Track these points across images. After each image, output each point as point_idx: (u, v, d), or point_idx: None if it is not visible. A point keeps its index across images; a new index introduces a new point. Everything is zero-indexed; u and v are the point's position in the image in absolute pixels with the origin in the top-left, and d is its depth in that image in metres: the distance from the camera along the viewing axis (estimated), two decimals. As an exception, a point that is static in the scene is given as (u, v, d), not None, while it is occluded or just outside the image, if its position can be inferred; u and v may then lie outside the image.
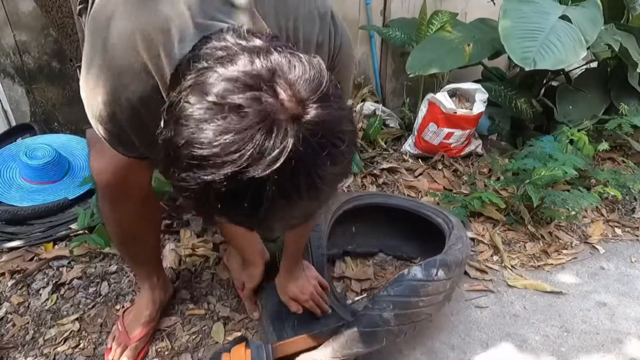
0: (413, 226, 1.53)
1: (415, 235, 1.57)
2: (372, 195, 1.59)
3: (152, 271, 1.27)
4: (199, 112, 0.53)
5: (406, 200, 1.56)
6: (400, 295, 1.08)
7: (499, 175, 2.01)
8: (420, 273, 1.12)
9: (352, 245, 1.59)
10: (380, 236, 1.61)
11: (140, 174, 1.01)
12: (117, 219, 1.10)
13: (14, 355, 1.22)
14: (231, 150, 0.52)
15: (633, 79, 2.19)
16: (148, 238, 1.19)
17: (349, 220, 1.56)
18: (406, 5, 2.45)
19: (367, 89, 2.51)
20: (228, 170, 0.52)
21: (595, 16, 1.89)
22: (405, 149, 2.22)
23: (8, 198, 1.66)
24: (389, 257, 1.60)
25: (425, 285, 1.11)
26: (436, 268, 1.13)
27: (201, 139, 0.52)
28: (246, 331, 1.30)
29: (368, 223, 1.59)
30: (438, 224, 1.43)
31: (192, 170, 0.54)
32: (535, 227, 1.76)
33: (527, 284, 1.53)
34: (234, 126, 0.52)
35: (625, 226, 1.88)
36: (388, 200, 1.55)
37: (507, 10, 1.87)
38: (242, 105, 0.52)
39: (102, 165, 0.96)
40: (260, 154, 0.52)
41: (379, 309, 1.07)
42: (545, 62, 1.74)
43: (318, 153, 0.54)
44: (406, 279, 1.11)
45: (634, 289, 1.54)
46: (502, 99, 2.25)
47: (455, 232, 1.34)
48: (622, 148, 2.39)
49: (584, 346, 1.31)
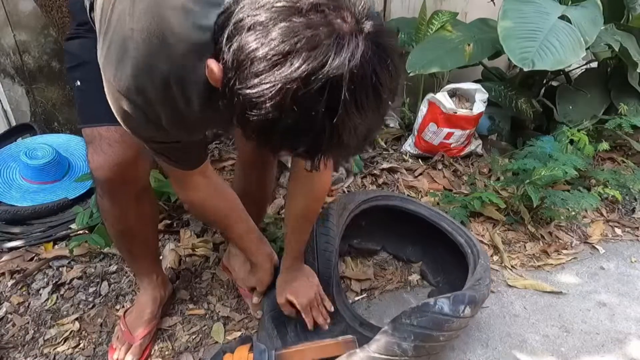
0: (419, 230, 1.49)
1: (420, 240, 1.55)
2: (391, 197, 1.52)
3: (151, 269, 1.27)
4: (266, 16, 0.55)
5: (427, 209, 1.48)
6: (424, 327, 1.03)
7: (499, 175, 2.01)
8: (448, 307, 1.05)
9: (357, 239, 1.58)
10: (386, 235, 1.60)
11: (139, 169, 1.02)
12: (116, 215, 1.10)
13: (14, 355, 1.22)
14: (309, 44, 0.53)
15: (633, 79, 2.19)
16: (146, 235, 1.20)
17: (360, 217, 1.52)
18: (406, 5, 2.45)
19: (367, 89, 2.50)
20: (307, 65, 0.53)
21: (595, 16, 1.89)
22: (405, 149, 2.22)
23: (8, 198, 1.66)
24: (390, 257, 1.60)
25: (450, 321, 1.05)
26: (464, 305, 1.07)
27: (275, 36, 0.54)
28: (246, 331, 1.30)
29: (377, 221, 1.56)
30: (459, 244, 1.36)
31: (267, 72, 0.54)
32: (535, 227, 1.76)
33: (527, 284, 1.53)
34: (306, 26, 0.54)
35: (625, 226, 1.88)
36: (406, 205, 1.49)
37: (507, 10, 1.87)
38: (308, 12, 0.55)
39: (100, 161, 0.97)
40: (338, 48, 0.53)
41: (399, 337, 1.02)
42: (544, 62, 1.74)
43: (382, 61, 0.57)
44: (432, 311, 1.04)
45: (634, 289, 1.54)
46: (502, 99, 2.25)
47: (482, 263, 1.25)
48: (622, 148, 2.39)
49: (584, 346, 1.31)
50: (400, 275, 1.54)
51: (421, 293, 1.48)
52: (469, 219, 1.76)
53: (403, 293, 1.48)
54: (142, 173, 1.05)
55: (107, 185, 1.02)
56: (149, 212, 1.17)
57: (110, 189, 1.03)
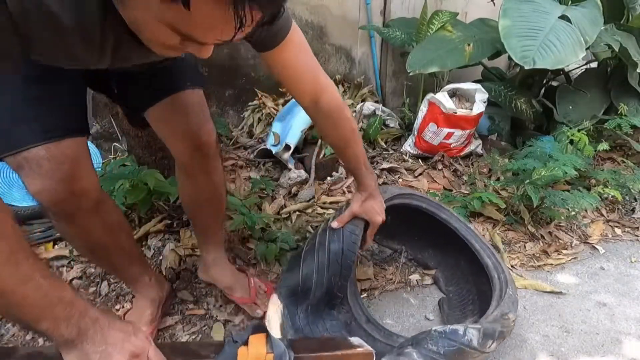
0: (443, 237, 1.46)
1: (441, 246, 1.53)
2: (423, 199, 1.47)
3: (138, 273, 1.22)
4: None
5: (457, 221, 1.44)
6: (449, 356, 0.99)
7: (499, 175, 2.01)
8: (476, 341, 1.02)
9: (379, 235, 1.48)
10: (406, 236, 1.59)
11: (83, 180, 0.93)
12: (77, 233, 1.02)
13: (14, 355, 1.22)
14: None
15: (633, 79, 2.19)
16: (120, 244, 1.11)
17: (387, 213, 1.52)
18: (406, 5, 2.45)
19: (367, 89, 2.51)
20: None
21: (595, 16, 1.89)
22: (405, 149, 2.22)
23: (9, 198, 1.66)
24: (390, 257, 1.60)
25: (475, 355, 1.02)
26: (493, 340, 1.04)
27: None
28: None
29: (398, 220, 1.50)
30: (486, 265, 1.31)
31: None
32: (535, 227, 1.77)
33: (527, 284, 1.53)
34: None
35: (625, 226, 1.88)
36: (438, 212, 1.44)
37: (507, 9, 1.88)
38: None
39: (38, 185, 0.87)
40: None
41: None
42: (545, 61, 1.74)
43: None
44: (460, 342, 1.00)
45: (634, 289, 1.54)
46: (502, 99, 2.25)
47: (510, 294, 1.20)
48: (622, 148, 2.39)
49: (584, 346, 1.31)
50: (400, 275, 1.54)
51: (421, 293, 1.48)
52: (469, 219, 1.76)
53: (403, 293, 1.48)
54: (89, 183, 0.94)
55: (56, 208, 0.91)
56: (115, 220, 1.07)
57: (62, 210, 0.92)
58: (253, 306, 1.33)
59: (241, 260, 1.54)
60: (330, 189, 1.94)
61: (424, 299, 1.45)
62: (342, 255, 1.16)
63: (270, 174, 2.02)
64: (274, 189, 1.88)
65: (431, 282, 1.52)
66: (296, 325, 1.12)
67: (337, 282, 1.16)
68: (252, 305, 1.33)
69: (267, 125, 2.32)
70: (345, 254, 1.17)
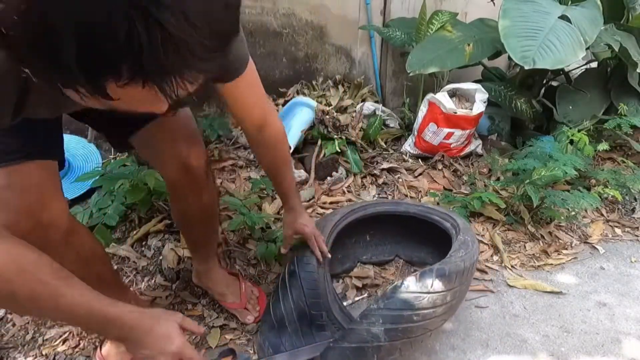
0: (425, 231, 1.48)
1: (428, 241, 1.54)
2: (378, 204, 1.51)
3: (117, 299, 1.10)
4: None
5: (415, 206, 1.47)
6: (391, 308, 1.00)
7: (499, 175, 2.01)
8: (414, 284, 1.03)
9: (367, 255, 1.58)
10: (394, 243, 1.59)
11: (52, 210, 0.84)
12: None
13: (14, 355, 1.22)
14: None
15: (633, 79, 2.19)
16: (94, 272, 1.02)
17: (360, 231, 1.54)
18: (406, 5, 2.45)
19: (367, 89, 2.51)
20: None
21: (595, 16, 1.89)
22: (405, 149, 2.22)
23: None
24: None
25: (420, 298, 1.01)
26: (432, 279, 1.04)
27: None
28: (242, 334, 1.30)
29: (381, 231, 1.56)
30: (446, 228, 1.35)
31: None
32: (535, 227, 1.76)
33: (527, 284, 1.53)
34: None
35: (625, 226, 1.88)
36: (397, 208, 1.48)
37: (507, 9, 1.88)
38: None
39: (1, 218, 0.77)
40: None
41: (368, 323, 1.00)
42: (545, 61, 1.74)
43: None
44: (399, 291, 1.02)
45: (634, 289, 1.54)
46: (502, 99, 2.25)
47: (460, 238, 1.24)
48: (622, 148, 2.39)
49: (584, 346, 1.31)
50: (400, 275, 1.54)
51: (421, 293, 1.48)
52: (469, 219, 1.77)
53: (403, 293, 1.48)
54: (57, 213, 0.85)
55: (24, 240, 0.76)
56: (88, 250, 0.99)
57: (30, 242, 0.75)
58: (244, 312, 1.32)
59: (240, 261, 1.54)
60: (330, 189, 1.94)
61: (424, 299, 1.45)
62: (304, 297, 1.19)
63: (270, 174, 2.02)
64: (274, 189, 1.88)
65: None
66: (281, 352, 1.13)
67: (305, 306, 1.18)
68: (242, 311, 1.33)
69: (267, 125, 2.31)
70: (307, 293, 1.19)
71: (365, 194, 1.93)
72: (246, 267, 1.51)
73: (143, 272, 1.47)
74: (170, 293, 1.40)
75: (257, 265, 1.52)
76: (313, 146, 2.04)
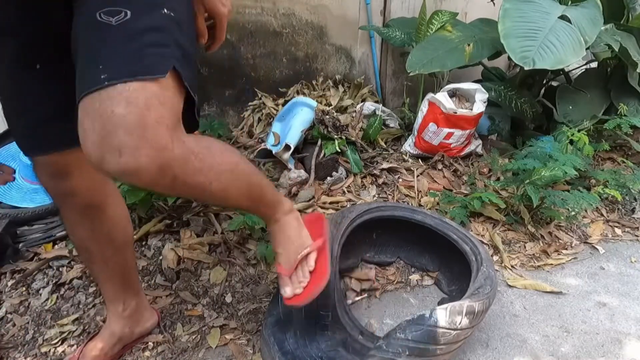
0: (433, 240, 1.47)
1: (434, 248, 1.53)
2: (396, 208, 1.49)
3: (116, 296, 1.11)
4: None
5: (432, 218, 1.46)
6: (418, 341, 0.99)
7: (499, 175, 2.01)
8: (444, 320, 1.01)
9: (370, 252, 1.57)
10: (399, 246, 1.59)
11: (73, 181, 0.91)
12: (66, 225, 1.00)
13: (14, 355, 1.22)
14: None
15: (633, 79, 2.19)
16: (105, 255, 1.02)
17: (369, 229, 1.52)
18: (406, 5, 2.45)
19: (367, 89, 2.51)
20: None
21: (595, 16, 1.89)
22: (405, 149, 2.22)
23: (8, 198, 1.66)
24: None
25: (447, 334, 1.00)
26: (462, 316, 1.03)
27: None
28: (242, 334, 1.30)
29: (388, 232, 1.56)
30: (464, 252, 1.34)
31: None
32: (535, 227, 1.76)
33: (527, 284, 1.53)
34: None
35: (625, 226, 1.88)
36: (414, 216, 1.47)
37: (507, 9, 1.88)
38: None
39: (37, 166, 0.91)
40: None
41: (393, 352, 0.98)
42: (545, 61, 1.74)
43: None
44: (427, 324, 1.00)
45: (634, 289, 1.54)
46: (502, 99, 2.25)
47: (484, 270, 1.21)
48: (622, 148, 2.39)
49: (584, 346, 1.31)
50: (400, 275, 1.54)
51: (421, 293, 1.48)
52: (469, 219, 1.77)
53: (403, 293, 1.48)
54: (81, 187, 0.91)
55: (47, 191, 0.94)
56: (105, 230, 1.00)
57: (52, 196, 0.95)
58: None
59: (241, 261, 1.54)
60: (330, 189, 1.94)
61: (424, 299, 1.45)
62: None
63: (270, 174, 2.02)
64: (274, 189, 1.88)
65: (431, 282, 1.52)
66: (285, 349, 1.13)
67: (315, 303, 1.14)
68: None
69: (267, 125, 2.32)
70: None
71: (365, 194, 1.93)
72: (246, 267, 1.51)
73: (143, 272, 1.47)
74: (170, 293, 1.40)
75: (257, 265, 1.52)
76: (313, 146, 2.04)
